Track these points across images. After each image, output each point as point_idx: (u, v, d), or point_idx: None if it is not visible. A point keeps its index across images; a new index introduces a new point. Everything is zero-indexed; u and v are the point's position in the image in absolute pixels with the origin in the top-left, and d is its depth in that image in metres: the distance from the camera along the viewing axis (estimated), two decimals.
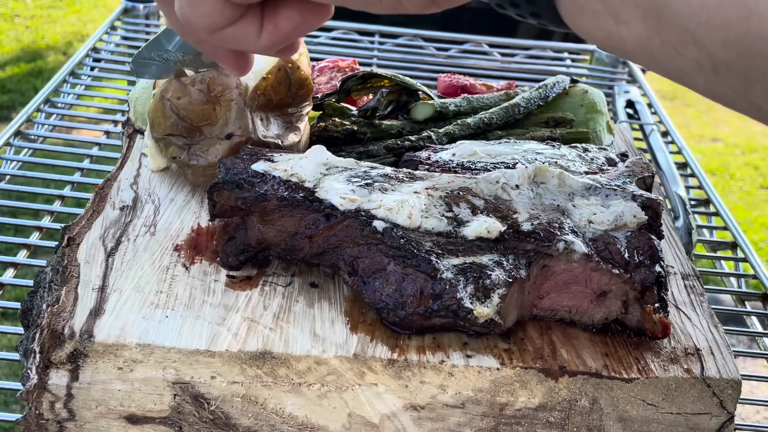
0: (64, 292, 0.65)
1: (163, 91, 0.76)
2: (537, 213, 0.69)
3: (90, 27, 4.20)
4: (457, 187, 0.71)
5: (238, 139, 0.77)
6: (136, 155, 0.86)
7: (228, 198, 0.69)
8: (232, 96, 0.76)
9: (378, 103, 0.92)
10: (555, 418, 0.64)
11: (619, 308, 0.67)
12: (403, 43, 1.48)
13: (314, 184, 0.70)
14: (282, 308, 0.66)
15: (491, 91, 1.03)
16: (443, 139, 0.87)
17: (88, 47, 1.30)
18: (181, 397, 0.62)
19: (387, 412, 0.63)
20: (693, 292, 0.75)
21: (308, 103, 0.83)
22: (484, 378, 0.63)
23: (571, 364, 0.64)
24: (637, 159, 0.79)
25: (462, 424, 0.64)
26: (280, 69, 0.78)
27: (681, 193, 1.05)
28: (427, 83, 1.19)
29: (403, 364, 0.62)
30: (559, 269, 0.67)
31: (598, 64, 1.52)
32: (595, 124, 0.97)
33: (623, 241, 0.67)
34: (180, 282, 0.68)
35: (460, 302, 0.64)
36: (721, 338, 0.69)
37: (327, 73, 1.02)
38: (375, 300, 0.66)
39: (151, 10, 1.48)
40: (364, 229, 0.67)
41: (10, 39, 3.97)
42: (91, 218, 0.75)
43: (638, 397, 0.64)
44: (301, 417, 0.63)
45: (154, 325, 0.63)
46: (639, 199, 0.70)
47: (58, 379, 0.61)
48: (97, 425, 0.63)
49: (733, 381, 0.65)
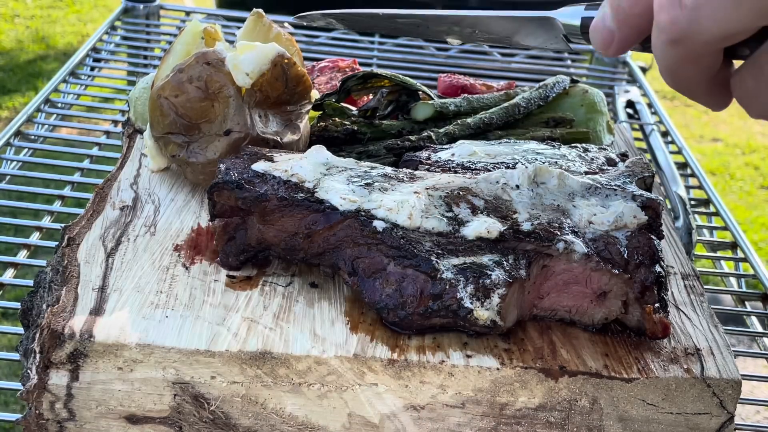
0: (64, 292, 0.65)
1: (160, 90, 0.76)
2: (537, 213, 0.69)
3: (90, 27, 4.20)
4: (457, 187, 0.71)
5: (236, 135, 0.77)
6: (136, 155, 0.86)
7: (228, 198, 0.69)
8: (230, 92, 0.76)
9: (378, 103, 0.92)
10: (555, 418, 0.64)
11: (619, 308, 0.67)
12: (403, 43, 1.48)
13: (314, 184, 0.70)
14: (282, 308, 0.66)
15: (491, 91, 1.03)
16: (443, 139, 0.87)
17: (88, 47, 1.30)
18: (181, 397, 0.62)
19: (387, 412, 0.63)
20: (693, 292, 0.75)
21: (307, 101, 0.83)
22: (484, 378, 0.63)
23: (571, 364, 0.64)
24: (637, 159, 0.79)
25: (462, 424, 0.64)
26: (276, 65, 0.78)
27: (681, 193, 1.05)
28: (427, 83, 1.19)
29: (403, 364, 0.62)
30: (559, 269, 0.67)
31: (598, 64, 1.52)
32: (595, 124, 0.97)
33: (623, 241, 0.67)
34: (180, 282, 0.68)
35: (460, 302, 0.64)
36: (721, 338, 0.69)
37: (327, 73, 1.02)
38: (375, 300, 0.66)
39: (151, 10, 1.48)
40: (364, 229, 0.67)
41: (10, 39, 3.97)
42: (91, 218, 0.75)
43: (638, 397, 0.64)
44: (301, 417, 0.63)
45: (154, 325, 0.63)
46: (639, 199, 0.70)
47: (58, 379, 0.61)
48: (97, 425, 0.63)
49: (733, 381, 0.65)
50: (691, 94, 0.55)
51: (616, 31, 0.55)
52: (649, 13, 0.53)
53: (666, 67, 0.52)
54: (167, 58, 0.82)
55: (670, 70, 0.52)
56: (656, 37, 0.51)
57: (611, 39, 0.56)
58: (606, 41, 0.56)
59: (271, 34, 0.85)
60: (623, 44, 0.56)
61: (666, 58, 0.52)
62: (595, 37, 0.57)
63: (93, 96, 1.21)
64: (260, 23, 0.86)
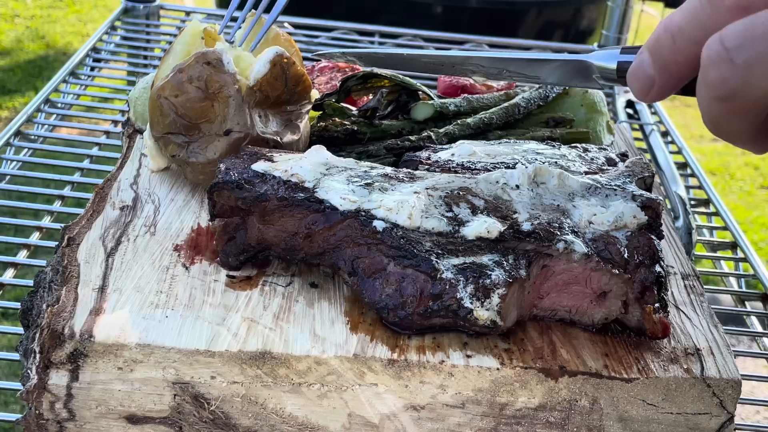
0: (64, 292, 0.65)
1: (160, 90, 0.76)
2: (537, 213, 0.69)
3: (90, 27, 4.20)
4: (457, 187, 0.71)
5: (236, 135, 0.77)
6: (136, 155, 0.86)
7: (228, 198, 0.69)
8: (230, 92, 0.76)
9: (378, 103, 0.92)
10: (555, 418, 0.64)
11: (619, 308, 0.67)
12: (403, 43, 1.48)
13: (314, 184, 0.70)
14: (282, 308, 0.66)
15: (491, 91, 1.03)
16: (443, 139, 0.87)
17: (88, 47, 1.30)
18: (181, 397, 0.62)
19: (387, 412, 0.63)
20: (693, 292, 0.75)
21: (307, 101, 0.83)
22: (484, 378, 0.63)
23: (571, 364, 0.64)
24: (637, 159, 0.79)
25: (462, 424, 0.64)
26: (275, 65, 0.78)
27: (681, 193, 1.05)
28: (427, 83, 1.19)
29: (403, 364, 0.62)
30: (559, 269, 0.67)
31: None
32: (595, 124, 0.97)
33: (623, 241, 0.67)
34: (180, 282, 0.68)
35: (460, 302, 0.64)
36: (721, 338, 0.69)
37: (327, 73, 1.02)
38: (375, 300, 0.66)
39: (151, 10, 1.48)
40: (364, 229, 0.67)
41: (10, 39, 3.97)
42: (91, 218, 0.75)
43: (638, 397, 0.64)
44: (301, 417, 0.63)
45: (154, 325, 0.63)
46: (639, 199, 0.70)
47: (58, 379, 0.61)
48: (97, 425, 0.63)
49: (733, 381, 0.65)
50: (734, 142, 0.53)
51: (657, 78, 0.54)
52: (692, 63, 0.51)
53: (711, 119, 0.51)
54: (167, 58, 0.82)
55: (715, 123, 0.51)
56: (703, 92, 0.50)
57: (651, 85, 0.54)
58: (645, 88, 0.55)
59: (271, 35, 0.85)
60: (663, 91, 0.54)
61: (712, 112, 0.50)
62: (633, 82, 0.56)
63: (93, 96, 1.21)
64: (259, 24, 0.86)
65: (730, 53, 0.47)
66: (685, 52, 0.51)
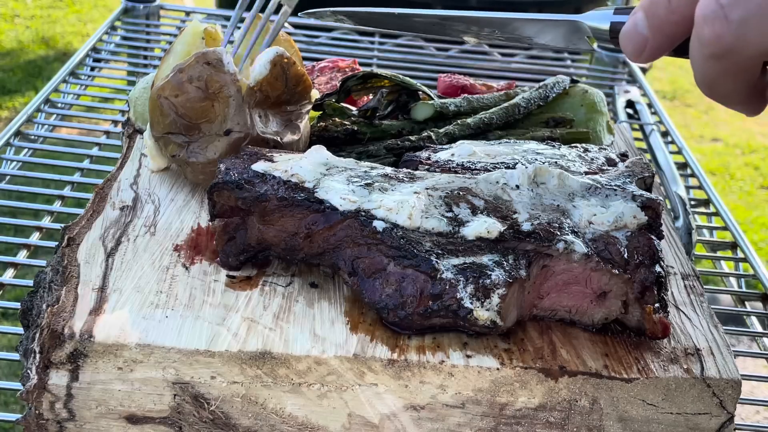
0: (64, 292, 0.65)
1: (160, 90, 0.76)
2: (537, 213, 0.69)
3: (90, 27, 4.20)
4: (457, 187, 0.71)
5: (236, 135, 0.77)
6: (136, 155, 0.86)
7: (228, 198, 0.69)
8: (230, 92, 0.76)
9: (378, 103, 0.92)
10: (555, 418, 0.64)
11: (619, 308, 0.67)
12: (403, 43, 1.48)
13: (314, 184, 0.70)
14: (282, 308, 0.66)
15: (491, 91, 1.03)
16: (443, 139, 0.87)
17: (88, 47, 1.30)
18: (181, 397, 0.62)
19: (387, 412, 0.63)
20: (693, 292, 0.75)
21: (308, 101, 0.83)
22: (484, 378, 0.63)
23: (571, 364, 0.64)
24: (637, 159, 0.79)
25: (462, 424, 0.64)
26: (275, 65, 0.78)
27: (681, 193, 1.05)
28: (427, 83, 1.19)
29: (403, 364, 0.62)
30: (559, 269, 0.67)
31: (598, 64, 1.52)
32: (595, 124, 0.97)
33: (623, 241, 0.67)
34: (180, 282, 0.68)
35: (460, 302, 0.64)
36: (721, 338, 0.69)
37: (327, 73, 1.02)
38: (375, 300, 0.66)
39: (151, 10, 1.48)
40: (364, 229, 0.67)
41: (10, 39, 3.97)
42: (91, 218, 0.75)
43: (638, 397, 0.64)
44: (301, 417, 0.63)
45: (154, 325, 0.63)
46: (639, 199, 0.70)
47: (58, 379, 0.61)
48: (97, 425, 0.63)
49: (733, 381, 0.65)
50: (726, 103, 0.53)
51: (650, 38, 0.53)
52: (686, 22, 0.51)
53: (704, 78, 0.51)
54: (167, 58, 0.82)
55: (709, 82, 0.51)
56: (697, 49, 0.50)
57: (644, 46, 0.54)
58: (638, 48, 0.54)
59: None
60: (656, 51, 0.54)
61: (706, 71, 0.50)
62: (626, 43, 0.55)
63: (93, 96, 1.21)
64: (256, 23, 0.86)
65: (725, 10, 0.47)
66: (678, 10, 0.51)
